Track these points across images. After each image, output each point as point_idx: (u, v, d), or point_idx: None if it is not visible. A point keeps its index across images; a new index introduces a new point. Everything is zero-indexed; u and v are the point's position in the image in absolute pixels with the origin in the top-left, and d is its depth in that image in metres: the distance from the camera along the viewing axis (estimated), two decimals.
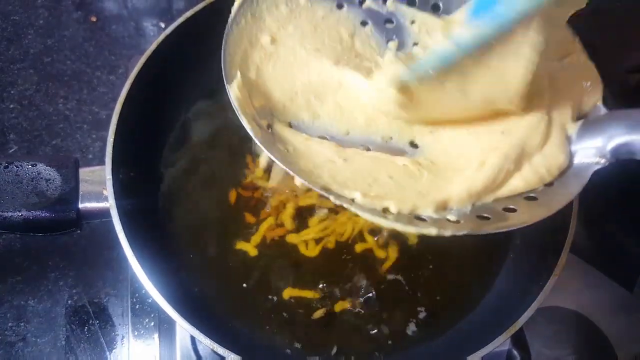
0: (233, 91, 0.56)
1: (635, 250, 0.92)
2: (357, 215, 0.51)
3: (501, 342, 0.63)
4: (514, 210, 0.52)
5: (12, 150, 0.97)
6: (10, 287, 0.85)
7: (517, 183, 0.54)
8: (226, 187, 0.80)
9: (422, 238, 0.76)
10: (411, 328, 0.73)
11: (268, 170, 0.80)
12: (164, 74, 0.79)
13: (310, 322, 0.73)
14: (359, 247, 0.76)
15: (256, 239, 0.76)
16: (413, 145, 0.59)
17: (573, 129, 0.56)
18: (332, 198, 0.51)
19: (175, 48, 0.78)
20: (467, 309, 0.75)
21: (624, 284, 0.87)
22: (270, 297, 0.74)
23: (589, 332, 0.84)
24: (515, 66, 0.52)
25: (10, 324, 0.83)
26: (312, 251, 0.76)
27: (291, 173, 0.52)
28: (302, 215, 0.78)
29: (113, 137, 0.69)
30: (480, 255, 0.78)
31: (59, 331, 0.83)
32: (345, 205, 0.51)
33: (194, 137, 0.84)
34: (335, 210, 0.78)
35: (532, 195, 0.54)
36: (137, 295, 0.83)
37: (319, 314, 0.73)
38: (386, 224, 0.50)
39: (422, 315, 0.74)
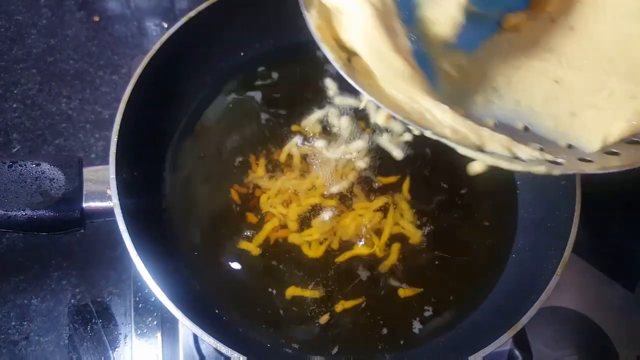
0: (312, 18, 0.52)
1: (637, 251, 0.92)
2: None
3: (503, 342, 0.63)
4: (617, 154, 0.49)
5: (15, 149, 0.97)
6: (14, 286, 0.85)
7: (620, 125, 0.50)
8: (229, 187, 0.80)
9: (426, 237, 0.77)
10: (413, 328, 0.73)
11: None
12: (167, 74, 0.79)
13: (311, 322, 0.73)
14: (362, 248, 0.77)
15: (259, 238, 0.77)
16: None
17: None
18: (428, 133, 0.47)
19: (179, 48, 0.79)
20: (468, 309, 0.75)
21: (625, 284, 0.87)
22: (272, 296, 0.74)
23: (591, 333, 0.84)
24: None
25: (13, 323, 0.83)
26: (316, 251, 0.76)
27: (378, 103, 0.48)
28: (306, 216, 0.78)
29: (117, 137, 0.69)
30: (482, 255, 0.78)
31: (62, 330, 0.83)
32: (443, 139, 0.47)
33: (197, 137, 0.85)
34: (339, 210, 0.78)
35: (635, 139, 0.51)
36: (139, 294, 0.83)
37: (324, 319, 0.73)
38: (492, 161, 0.47)
39: (423, 315, 0.74)
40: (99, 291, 0.86)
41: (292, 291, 0.74)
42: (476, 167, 0.52)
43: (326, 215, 0.78)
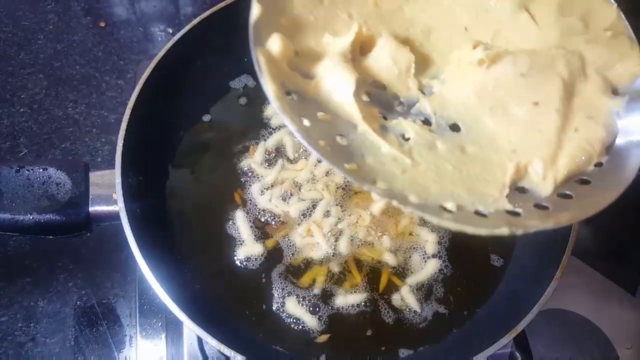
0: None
1: (638, 253, 0.92)
2: None
3: (503, 345, 0.64)
4: (570, 197, 0.50)
5: (22, 153, 0.98)
6: (20, 288, 0.87)
7: (565, 160, 0.51)
8: (233, 191, 0.81)
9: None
10: (408, 333, 0.73)
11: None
12: (173, 80, 0.80)
13: (306, 331, 0.73)
14: (367, 251, 0.77)
15: (263, 241, 0.78)
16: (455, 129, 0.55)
17: (618, 104, 0.54)
18: (395, 202, 0.45)
19: (184, 54, 0.80)
20: (468, 313, 0.75)
21: (627, 287, 0.88)
22: (272, 300, 0.75)
23: (592, 335, 0.84)
24: None
25: (20, 325, 0.84)
26: (319, 254, 0.77)
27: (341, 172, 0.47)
28: (309, 212, 0.79)
29: (122, 142, 0.71)
30: (482, 258, 0.79)
31: (68, 332, 0.84)
32: (400, 205, 0.46)
33: (201, 142, 0.86)
34: (344, 205, 0.79)
35: (584, 178, 0.51)
36: (144, 296, 0.84)
37: (322, 338, 0.73)
38: (449, 225, 0.45)
39: (420, 319, 0.74)
40: (104, 293, 0.87)
41: (292, 300, 0.75)
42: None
43: (330, 210, 0.78)
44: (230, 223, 0.79)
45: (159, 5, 1.17)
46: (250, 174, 0.82)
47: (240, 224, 0.78)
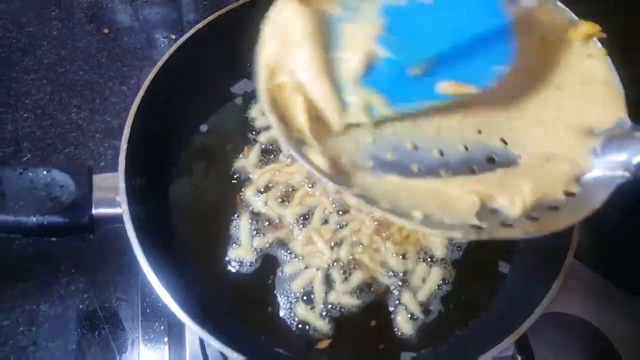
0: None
1: None
2: None
3: (504, 348, 0.64)
4: (535, 219, 0.52)
5: (26, 158, 0.99)
6: (22, 291, 0.86)
7: (530, 188, 0.53)
8: (235, 194, 0.81)
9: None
10: (411, 334, 0.73)
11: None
12: (176, 84, 0.80)
13: (309, 338, 0.73)
14: (369, 257, 0.76)
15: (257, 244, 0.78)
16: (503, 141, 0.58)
17: (597, 140, 0.55)
18: (363, 202, 0.50)
19: (187, 59, 0.80)
20: (471, 315, 0.75)
21: (629, 290, 0.87)
22: (275, 303, 0.75)
23: (595, 339, 0.84)
24: None
25: (21, 329, 0.84)
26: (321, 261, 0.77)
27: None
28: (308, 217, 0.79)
29: (126, 144, 0.71)
30: (483, 262, 0.79)
31: (70, 335, 0.84)
32: (367, 206, 0.50)
33: (204, 146, 0.86)
34: (346, 209, 0.79)
35: (555, 205, 0.53)
36: (147, 299, 0.84)
37: (324, 344, 0.73)
38: (417, 227, 0.50)
39: (422, 321, 0.74)
40: (107, 297, 0.87)
41: (300, 308, 0.74)
42: None
43: (329, 216, 0.78)
44: (234, 226, 0.79)
45: (162, 12, 1.18)
46: (246, 176, 0.82)
47: (242, 227, 0.78)
